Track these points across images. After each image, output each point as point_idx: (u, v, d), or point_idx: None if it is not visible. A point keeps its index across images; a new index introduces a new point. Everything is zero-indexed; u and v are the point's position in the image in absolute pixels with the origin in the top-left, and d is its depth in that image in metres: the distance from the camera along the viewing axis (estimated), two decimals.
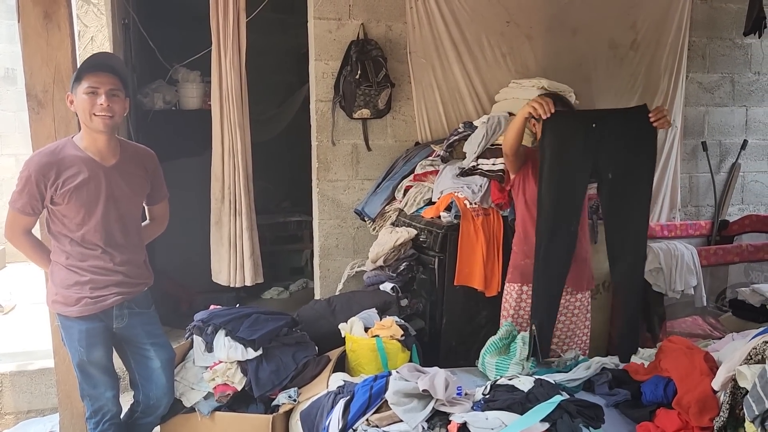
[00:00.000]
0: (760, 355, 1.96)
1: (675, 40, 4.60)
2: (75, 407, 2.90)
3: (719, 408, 2.07)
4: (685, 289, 3.76)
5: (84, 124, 2.39)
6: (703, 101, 4.95)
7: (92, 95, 2.33)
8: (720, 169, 5.08)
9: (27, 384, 3.65)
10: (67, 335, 2.47)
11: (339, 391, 2.43)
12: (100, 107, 2.33)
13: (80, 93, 2.34)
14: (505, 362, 2.75)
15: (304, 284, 5.46)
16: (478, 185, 3.38)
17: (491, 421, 2.13)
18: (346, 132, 3.97)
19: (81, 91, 2.34)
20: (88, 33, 3.87)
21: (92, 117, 2.34)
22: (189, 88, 4.85)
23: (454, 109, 4.09)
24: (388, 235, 3.54)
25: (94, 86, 2.33)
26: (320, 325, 3.17)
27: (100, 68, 2.37)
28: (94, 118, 2.35)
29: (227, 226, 3.81)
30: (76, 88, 2.36)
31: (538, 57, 4.20)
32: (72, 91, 2.39)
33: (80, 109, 2.36)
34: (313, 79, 3.93)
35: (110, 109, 2.35)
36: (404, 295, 3.38)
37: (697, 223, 4.64)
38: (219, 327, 2.84)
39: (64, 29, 2.80)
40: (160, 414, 2.70)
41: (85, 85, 2.33)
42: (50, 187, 2.33)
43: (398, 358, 2.82)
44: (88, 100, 2.33)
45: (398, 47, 3.99)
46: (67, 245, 2.42)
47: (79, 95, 2.35)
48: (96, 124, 2.36)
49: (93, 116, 2.34)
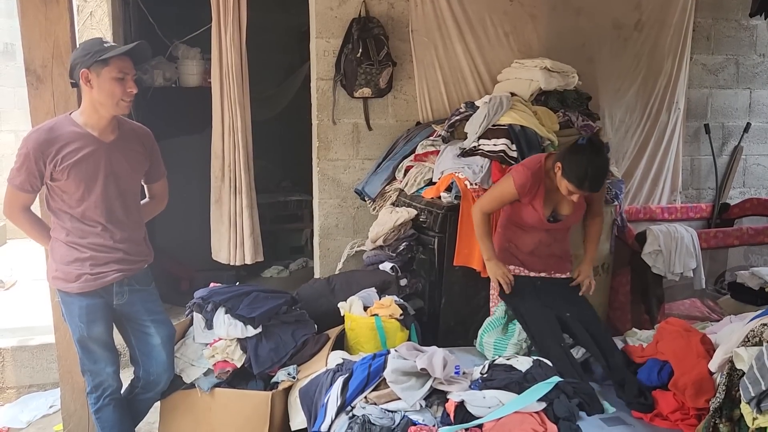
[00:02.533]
0: (757, 337, 1.96)
1: (680, 20, 4.55)
2: (76, 382, 2.92)
3: (715, 390, 2.09)
4: (685, 271, 3.76)
5: (101, 105, 2.38)
6: (707, 83, 4.91)
7: (121, 81, 2.36)
8: (722, 152, 5.06)
9: (28, 359, 3.69)
10: (68, 311, 2.48)
11: (338, 369, 2.45)
12: (130, 93, 2.38)
13: (108, 76, 2.34)
14: (503, 342, 2.77)
15: (304, 263, 5.48)
16: (479, 166, 3.37)
17: (488, 399, 2.15)
18: (347, 111, 3.94)
19: (109, 74, 2.34)
20: (87, 8, 3.83)
21: (119, 102, 2.38)
22: (189, 65, 4.82)
23: (456, 88, 4.06)
24: (388, 215, 3.54)
25: (125, 72, 2.37)
26: (320, 303, 3.18)
27: (135, 56, 2.40)
28: (120, 103, 2.38)
29: (227, 205, 3.81)
30: (101, 69, 2.33)
31: (542, 37, 4.16)
32: (91, 70, 2.34)
33: (107, 92, 2.35)
34: (314, 57, 3.89)
35: (133, 94, 2.41)
36: (404, 274, 3.38)
37: (697, 205, 4.64)
38: (219, 304, 2.85)
39: (63, 3, 2.77)
40: (160, 390, 2.73)
41: (116, 70, 2.34)
42: (49, 163, 2.32)
43: (397, 337, 2.84)
44: (118, 85, 2.35)
45: (400, 25, 3.94)
46: (67, 222, 2.42)
47: (104, 77, 2.34)
48: (122, 108, 2.40)
49: (121, 101, 2.38)
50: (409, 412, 2.15)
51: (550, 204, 2.78)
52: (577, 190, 2.58)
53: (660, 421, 2.26)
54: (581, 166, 2.55)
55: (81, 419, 3.01)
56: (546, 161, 2.76)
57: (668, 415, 2.26)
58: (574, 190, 2.58)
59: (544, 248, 2.87)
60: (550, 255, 2.89)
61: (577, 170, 2.55)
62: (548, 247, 2.88)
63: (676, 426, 2.22)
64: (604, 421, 2.25)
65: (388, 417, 2.14)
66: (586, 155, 2.57)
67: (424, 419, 2.13)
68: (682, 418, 2.23)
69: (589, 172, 2.54)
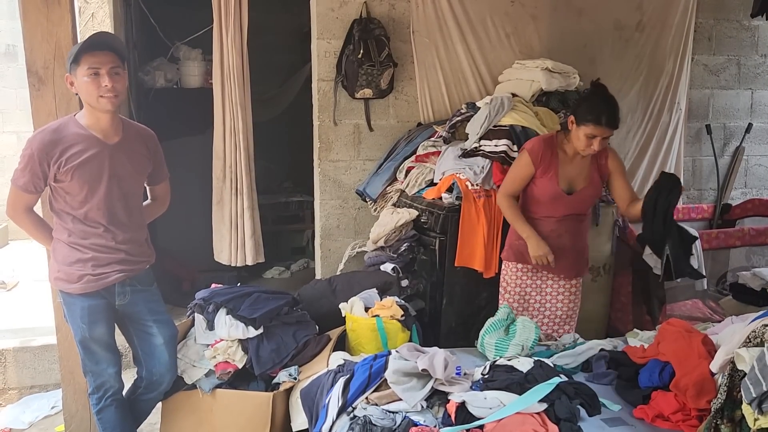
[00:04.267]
0: (759, 338, 1.96)
1: (681, 21, 4.55)
2: (78, 383, 2.93)
3: (717, 391, 2.09)
4: None
5: (89, 105, 2.37)
6: (709, 84, 4.91)
7: (95, 77, 2.31)
8: (724, 153, 5.05)
9: (30, 360, 3.69)
10: (70, 312, 2.49)
11: (339, 370, 2.44)
12: (106, 89, 2.32)
13: (81, 75, 2.31)
14: (505, 343, 2.77)
15: (305, 264, 5.48)
16: (480, 166, 3.37)
17: (490, 400, 2.14)
18: (348, 112, 3.95)
19: (81, 73, 2.31)
20: (89, 9, 3.84)
21: (99, 99, 2.33)
22: (190, 66, 4.83)
23: (457, 89, 4.07)
24: (389, 216, 3.54)
25: (95, 67, 2.31)
26: (321, 304, 3.18)
27: (98, 47, 2.33)
28: (100, 100, 2.33)
29: (228, 206, 3.81)
30: (75, 70, 2.33)
31: (543, 37, 4.16)
32: (70, 73, 2.35)
33: (84, 91, 2.33)
34: (315, 58, 3.90)
35: (114, 88, 2.34)
36: (405, 275, 3.39)
37: (699, 206, 4.63)
38: (220, 305, 2.85)
39: (65, 5, 2.77)
40: (162, 390, 2.73)
41: (85, 67, 2.30)
42: (53, 164, 2.32)
43: (398, 338, 2.84)
44: (92, 82, 2.31)
45: (401, 26, 3.95)
46: (69, 223, 2.42)
47: (80, 77, 2.32)
48: (103, 105, 2.35)
49: (99, 98, 2.33)
50: (410, 413, 2.15)
51: (565, 178, 2.84)
52: (596, 130, 2.63)
53: (661, 422, 2.26)
54: (595, 104, 2.67)
55: (83, 420, 3.02)
56: (557, 135, 2.87)
57: (669, 416, 2.25)
58: (594, 130, 2.63)
59: (556, 238, 2.89)
60: (562, 248, 2.90)
61: (592, 109, 2.66)
62: (559, 238, 2.89)
63: (678, 427, 2.22)
64: (605, 422, 2.24)
65: (390, 418, 2.13)
66: (597, 95, 2.72)
67: (425, 420, 2.13)
68: (684, 418, 2.22)
69: (602, 107, 2.65)
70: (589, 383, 2.55)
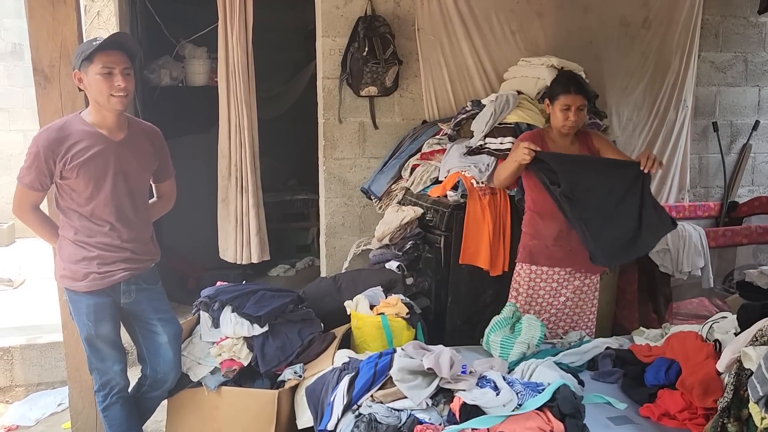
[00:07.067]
0: (765, 336, 1.95)
1: (688, 18, 4.52)
2: (84, 380, 2.94)
3: (723, 389, 2.08)
4: (692, 270, 3.74)
5: (97, 103, 2.38)
6: (715, 81, 4.88)
7: (108, 76, 2.33)
8: (730, 150, 5.03)
9: (37, 357, 3.71)
10: (75, 310, 2.50)
11: (344, 368, 2.45)
12: (118, 88, 2.34)
13: (93, 73, 2.33)
14: (510, 341, 2.76)
15: (311, 262, 5.49)
16: (485, 164, 3.36)
17: (502, 397, 2.13)
18: (353, 110, 3.94)
19: (94, 71, 2.32)
20: (95, 7, 3.85)
21: (110, 98, 2.35)
22: (195, 65, 4.84)
23: (462, 87, 4.05)
24: (394, 214, 3.54)
25: (110, 66, 2.33)
26: (326, 302, 3.18)
27: (114, 47, 2.35)
28: (111, 99, 2.35)
29: (234, 204, 3.82)
30: (87, 67, 2.33)
31: (548, 34, 4.14)
32: (81, 70, 2.36)
33: (95, 89, 2.35)
34: (320, 56, 3.89)
35: (126, 88, 2.36)
36: (410, 273, 3.38)
37: (706, 204, 4.61)
38: (225, 303, 2.86)
39: (70, 3, 2.78)
40: (167, 388, 2.74)
41: (99, 66, 2.32)
42: (59, 162, 2.33)
43: (403, 336, 2.83)
44: (104, 80, 2.32)
45: (406, 24, 3.94)
46: (75, 220, 2.43)
47: (91, 75, 2.33)
48: (114, 104, 2.37)
49: (111, 97, 2.34)
50: (415, 411, 2.15)
51: None
52: (567, 98, 2.81)
53: (668, 421, 2.25)
54: (561, 79, 2.98)
55: (89, 417, 3.03)
56: (543, 130, 3.00)
57: (676, 415, 2.25)
58: (565, 99, 2.81)
59: (565, 236, 2.88)
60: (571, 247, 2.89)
61: (560, 83, 2.91)
62: (569, 234, 2.87)
63: (684, 425, 2.21)
64: (611, 420, 2.24)
65: (395, 416, 2.13)
66: (562, 74, 3.15)
67: (430, 418, 2.12)
68: (690, 417, 2.21)
69: (569, 78, 2.94)
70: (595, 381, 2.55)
